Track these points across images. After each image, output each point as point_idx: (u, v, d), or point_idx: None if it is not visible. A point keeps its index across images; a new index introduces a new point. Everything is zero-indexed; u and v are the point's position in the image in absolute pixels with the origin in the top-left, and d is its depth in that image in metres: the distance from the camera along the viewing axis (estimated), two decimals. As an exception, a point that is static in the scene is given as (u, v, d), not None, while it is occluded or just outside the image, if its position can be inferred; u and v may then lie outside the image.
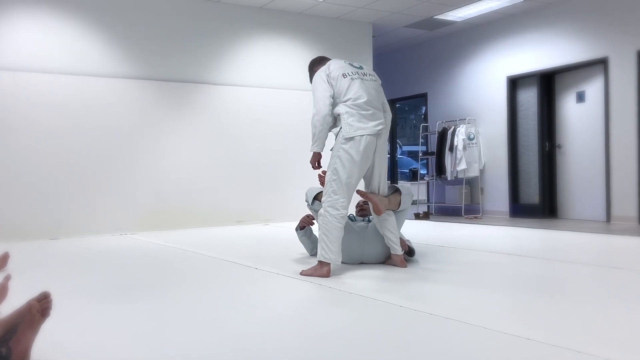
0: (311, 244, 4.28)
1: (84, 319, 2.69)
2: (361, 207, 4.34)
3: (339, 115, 3.67)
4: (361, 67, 3.85)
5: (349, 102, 3.65)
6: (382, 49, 9.82)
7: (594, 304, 2.87)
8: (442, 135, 8.81)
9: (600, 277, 3.71)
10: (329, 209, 3.58)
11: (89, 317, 2.74)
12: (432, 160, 9.31)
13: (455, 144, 8.53)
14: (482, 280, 3.59)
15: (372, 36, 8.55)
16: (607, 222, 7.03)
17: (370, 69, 3.91)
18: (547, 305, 2.85)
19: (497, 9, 7.78)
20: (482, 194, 8.65)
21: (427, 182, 9.72)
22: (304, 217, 4.19)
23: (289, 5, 7.51)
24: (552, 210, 7.93)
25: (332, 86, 3.69)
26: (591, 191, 7.38)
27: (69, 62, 6.37)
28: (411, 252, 4.06)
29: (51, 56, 6.28)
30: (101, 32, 6.57)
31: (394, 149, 10.81)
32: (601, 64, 7.17)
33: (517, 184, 8.29)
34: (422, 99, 9.90)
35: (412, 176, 13.88)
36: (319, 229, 3.62)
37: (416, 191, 9.10)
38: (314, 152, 3.76)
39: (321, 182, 4.05)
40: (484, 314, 2.67)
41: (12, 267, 3.92)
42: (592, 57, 7.22)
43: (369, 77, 3.79)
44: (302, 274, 3.63)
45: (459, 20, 8.27)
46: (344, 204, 3.60)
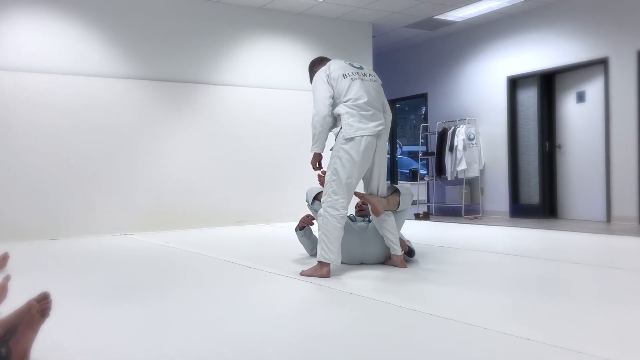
0: (311, 245, 4.28)
1: (83, 320, 2.69)
2: (360, 207, 4.34)
3: (339, 115, 3.66)
4: (361, 68, 3.84)
5: (349, 103, 3.65)
6: (382, 49, 9.82)
7: (594, 305, 2.87)
8: (442, 135, 8.81)
9: (600, 277, 3.71)
10: (329, 209, 3.58)
11: (88, 317, 2.74)
12: (432, 160, 9.31)
13: (455, 144, 8.53)
14: (482, 280, 3.59)
15: (372, 36, 8.55)
16: (608, 222, 7.03)
17: (370, 69, 3.90)
18: (547, 305, 2.85)
19: (497, 9, 7.78)
20: (482, 194, 8.65)
21: (427, 183, 9.72)
22: (304, 218, 4.19)
23: (288, 5, 7.51)
24: (552, 210, 7.93)
25: (332, 87, 3.69)
26: (591, 191, 7.37)
27: (69, 62, 6.37)
28: (411, 253, 4.06)
29: (51, 56, 6.28)
30: (101, 32, 6.57)
31: (394, 149, 10.81)
32: (601, 64, 7.17)
33: (517, 184, 8.29)
34: (422, 99, 9.90)
35: (412, 176, 13.87)
36: (319, 229, 3.62)
37: (416, 191, 9.09)
38: (315, 153, 3.76)
39: (321, 182, 4.04)
40: (484, 315, 2.67)
41: (11, 267, 3.92)
42: (593, 57, 7.22)
43: (369, 78, 3.78)
44: (302, 274, 3.63)
45: (459, 20, 8.27)
46: (344, 204, 3.59)
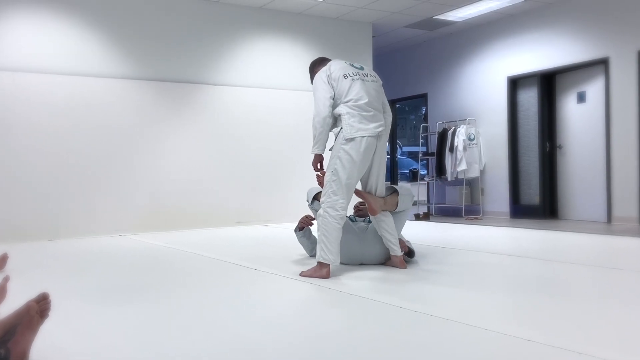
0: (310, 245, 4.27)
1: (82, 320, 2.69)
2: (358, 208, 4.33)
3: (340, 115, 3.66)
4: (362, 68, 3.84)
5: (350, 103, 3.64)
6: (382, 49, 9.82)
7: (594, 305, 2.87)
8: (442, 135, 8.81)
9: (600, 278, 3.71)
10: (329, 209, 3.57)
11: (87, 318, 2.74)
12: (432, 160, 9.31)
13: (455, 144, 8.52)
14: (483, 281, 3.58)
15: (372, 36, 8.54)
16: (608, 223, 7.02)
17: (371, 70, 3.90)
18: (548, 306, 2.84)
19: (497, 9, 7.77)
20: (482, 194, 8.64)
21: (427, 183, 9.71)
22: (303, 218, 4.18)
23: (288, 5, 7.50)
24: (552, 211, 7.92)
25: (332, 87, 3.68)
26: (592, 192, 7.37)
27: (69, 63, 6.36)
28: (411, 253, 4.05)
29: (51, 56, 6.27)
30: (101, 32, 6.57)
31: (394, 150, 10.80)
32: (602, 64, 7.16)
33: (518, 184, 8.28)
34: (422, 99, 9.89)
35: (412, 177, 13.86)
36: (318, 230, 3.61)
37: (416, 192, 9.09)
38: (315, 154, 3.75)
39: (320, 183, 4.03)
40: (484, 315, 2.66)
41: (11, 267, 3.92)
42: (593, 57, 7.22)
43: (369, 78, 3.78)
44: (301, 274, 3.62)
45: (459, 20, 8.27)
46: (343, 204, 3.59)
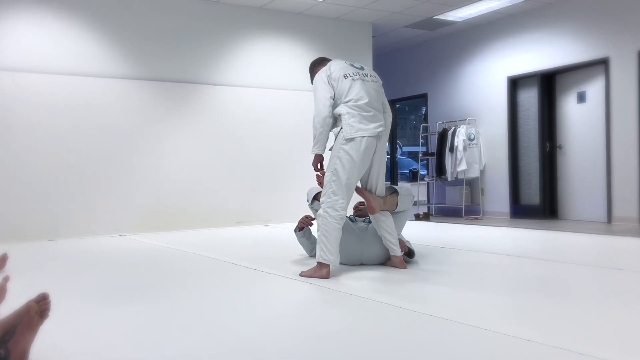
0: (310, 245, 4.27)
1: (82, 321, 2.68)
2: (357, 208, 4.33)
3: (340, 115, 3.66)
4: (362, 68, 3.83)
5: (350, 103, 3.64)
6: (382, 49, 9.81)
7: (594, 305, 2.86)
8: (442, 135, 8.80)
9: (601, 278, 3.70)
10: (329, 209, 3.57)
11: (87, 318, 2.73)
12: (432, 161, 9.30)
13: (455, 144, 8.52)
14: (483, 281, 3.58)
15: (372, 36, 8.54)
16: (608, 223, 7.02)
17: (371, 70, 3.89)
18: (548, 306, 2.84)
19: (498, 9, 7.77)
20: (482, 194, 8.64)
21: (427, 183, 9.71)
22: (303, 218, 4.17)
23: (288, 5, 7.50)
24: (552, 211, 7.92)
25: (333, 87, 3.68)
26: (592, 192, 7.36)
27: (69, 63, 6.36)
28: (411, 254, 4.04)
29: (51, 56, 6.27)
30: (101, 32, 6.56)
31: (394, 150, 10.80)
32: (602, 64, 7.16)
33: (518, 184, 8.28)
34: (422, 99, 9.89)
35: (412, 177, 13.85)
36: (318, 230, 3.61)
37: (416, 192, 9.09)
38: (316, 154, 3.75)
39: (319, 183, 4.03)
40: (484, 316, 2.66)
41: (10, 268, 3.91)
42: (593, 57, 7.21)
43: (369, 78, 3.77)
44: (301, 275, 3.62)
45: (459, 20, 8.26)
46: (343, 205, 3.58)
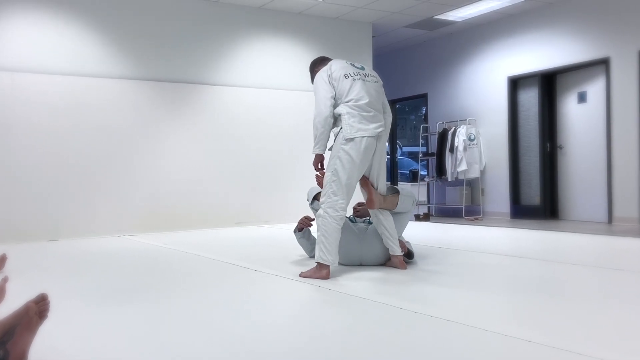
0: (310, 246, 4.25)
1: (81, 321, 2.68)
2: (356, 209, 4.32)
3: (340, 115, 3.65)
4: (363, 68, 3.83)
5: (350, 103, 3.63)
6: (382, 49, 9.81)
7: (595, 306, 2.86)
8: (443, 136, 8.79)
9: (601, 278, 3.70)
10: (329, 210, 3.56)
11: (86, 319, 2.73)
12: (432, 161, 9.29)
13: (455, 144, 8.51)
14: (483, 282, 3.58)
15: (372, 36, 8.53)
16: (609, 223, 7.01)
17: (371, 70, 3.89)
18: (548, 307, 2.84)
19: (498, 8, 7.77)
20: (482, 195, 8.63)
21: (428, 183, 9.70)
22: (302, 219, 4.16)
23: (288, 5, 7.49)
24: (553, 211, 7.91)
25: (333, 87, 3.67)
26: (593, 192, 7.36)
27: (68, 63, 6.35)
28: (410, 255, 4.03)
29: (50, 57, 6.26)
30: (100, 32, 6.56)
31: (394, 150, 10.79)
32: (602, 64, 7.15)
33: (518, 185, 8.27)
34: (422, 99, 9.89)
35: (412, 177, 13.83)
36: (318, 230, 3.60)
37: (416, 192, 9.08)
38: (316, 154, 3.74)
39: (319, 183, 4.02)
40: (484, 316, 2.65)
41: (10, 268, 3.91)
42: (594, 57, 7.20)
43: (370, 79, 3.77)
44: (301, 275, 3.61)
45: (460, 20, 8.26)
46: (343, 205, 3.58)
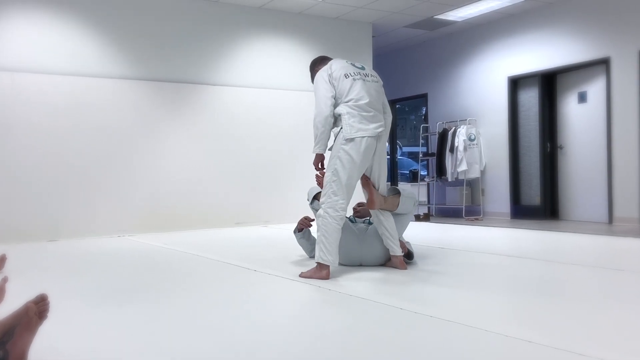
0: (310, 246, 4.25)
1: (81, 322, 2.67)
2: (356, 209, 4.31)
3: (340, 115, 3.65)
4: (363, 68, 3.82)
5: (350, 103, 3.63)
6: (382, 49, 9.80)
7: (595, 306, 2.85)
8: (443, 136, 8.79)
9: (601, 279, 3.69)
10: (329, 210, 3.56)
11: (86, 319, 2.73)
12: (432, 161, 9.29)
13: (455, 144, 8.50)
14: (483, 282, 3.57)
15: (372, 36, 8.53)
16: (610, 223, 7.00)
17: (371, 70, 3.88)
18: (548, 307, 2.83)
19: (498, 8, 7.76)
20: (482, 195, 8.63)
21: (428, 184, 9.70)
22: (302, 220, 4.16)
23: (288, 5, 7.49)
24: (553, 211, 7.90)
25: (333, 86, 3.67)
26: (593, 192, 7.35)
27: (67, 63, 6.35)
28: (410, 256, 4.02)
29: (50, 57, 6.26)
30: (100, 32, 6.55)
31: (394, 150, 10.78)
32: (603, 64, 7.15)
33: (518, 185, 8.26)
34: (422, 99, 9.88)
35: (413, 177, 13.84)
36: (318, 230, 3.60)
37: (416, 192, 9.07)
38: (317, 154, 3.74)
39: (319, 183, 4.01)
40: (484, 316, 2.65)
41: (9, 269, 3.91)
42: (594, 57, 7.20)
43: (370, 79, 3.76)
44: (301, 276, 3.61)
45: (460, 20, 8.25)
46: (344, 205, 3.57)
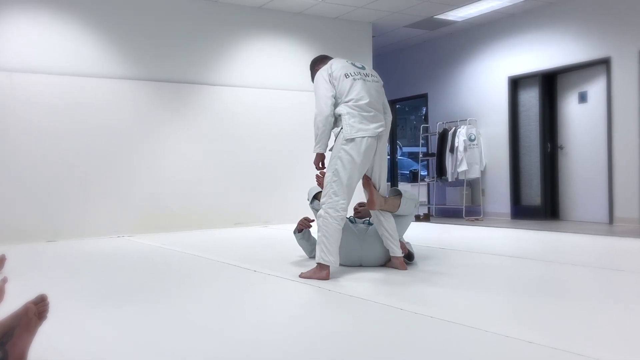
0: (310, 247, 4.25)
1: (81, 322, 2.67)
2: (357, 210, 4.31)
3: (340, 115, 3.64)
4: (363, 68, 3.82)
5: (350, 103, 3.62)
6: (382, 49, 9.80)
7: (595, 307, 2.85)
8: (443, 136, 8.78)
9: (602, 279, 3.69)
10: (330, 210, 3.55)
11: (86, 319, 2.72)
12: (432, 161, 9.28)
13: (456, 145, 8.50)
14: (483, 282, 3.57)
15: (372, 36, 8.53)
16: (610, 224, 7.00)
17: (372, 70, 3.88)
18: (548, 307, 2.83)
19: (498, 8, 7.76)
20: (483, 195, 8.62)
21: (428, 184, 9.70)
22: (302, 220, 4.15)
23: (288, 5, 7.49)
24: (554, 212, 7.90)
25: (334, 86, 3.66)
26: (594, 193, 7.34)
27: (67, 63, 6.34)
28: (410, 257, 4.01)
29: (49, 57, 6.25)
30: (99, 33, 6.55)
31: (394, 150, 10.78)
32: (603, 64, 7.14)
33: (519, 185, 8.26)
34: (422, 99, 9.88)
35: (413, 178, 13.83)
36: (318, 231, 3.59)
37: (417, 193, 9.06)
38: (317, 153, 3.74)
39: (319, 183, 4.01)
40: (484, 317, 2.65)
41: (9, 269, 3.91)
42: (595, 57, 7.19)
43: (370, 78, 3.76)
44: (301, 276, 3.60)
45: (460, 20, 8.25)
46: (344, 205, 3.57)
